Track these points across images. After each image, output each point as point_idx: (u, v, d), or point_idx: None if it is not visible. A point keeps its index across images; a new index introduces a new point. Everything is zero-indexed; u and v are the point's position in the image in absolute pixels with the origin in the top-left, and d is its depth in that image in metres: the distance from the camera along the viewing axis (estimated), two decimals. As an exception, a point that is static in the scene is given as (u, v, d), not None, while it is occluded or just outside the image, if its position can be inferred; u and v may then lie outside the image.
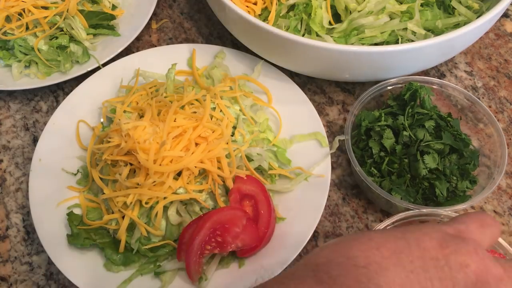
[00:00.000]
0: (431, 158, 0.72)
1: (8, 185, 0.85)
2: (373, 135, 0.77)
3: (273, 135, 0.83)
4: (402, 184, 0.73)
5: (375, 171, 0.75)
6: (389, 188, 0.73)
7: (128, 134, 0.73)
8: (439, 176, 0.72)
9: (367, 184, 0.71)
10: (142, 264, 0.72)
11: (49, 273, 0.76)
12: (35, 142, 0.90)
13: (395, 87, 0.81)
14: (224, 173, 0.72)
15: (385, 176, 0.74)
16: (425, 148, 0.72)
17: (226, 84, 0.84)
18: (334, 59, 0.76)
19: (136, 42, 1.02)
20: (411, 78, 0.80)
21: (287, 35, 0.74)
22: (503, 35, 1.00)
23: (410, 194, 0.72)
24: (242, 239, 0.69)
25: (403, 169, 0.73)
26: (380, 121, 0.77)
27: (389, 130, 0.76)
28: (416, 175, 0.72)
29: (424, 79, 0.80)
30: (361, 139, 0.78)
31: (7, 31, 0.92)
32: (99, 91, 0.88)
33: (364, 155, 0.77)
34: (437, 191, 0.71)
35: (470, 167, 0.73)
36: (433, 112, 0.76)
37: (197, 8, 1.08)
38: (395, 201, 0.70)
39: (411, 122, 0.75)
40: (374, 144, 0.76)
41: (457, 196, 0.73)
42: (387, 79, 0.80)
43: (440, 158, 0.72)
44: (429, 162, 0.71)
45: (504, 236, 0.76)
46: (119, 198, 0.72)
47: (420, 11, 0.82)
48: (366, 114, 0.79)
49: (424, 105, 0.78)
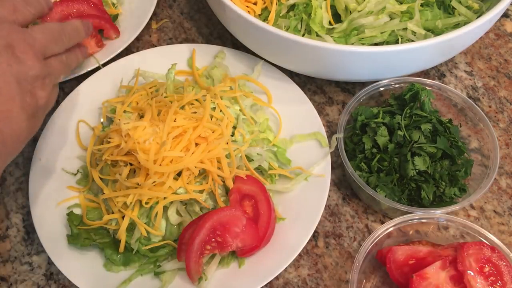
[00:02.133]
0: (422, 160, 0.72)
1: (8, 185, 0.85)
2: (368, 131, 0.77)
3: (273, 135, 0.83)
4: (389, 182, 0.73)
5: (365, 166, 0.76)
6: (375, 184, 0.74)
7: (128, 134, 0.73)
8: (428, 179, 0.72)
9: (353, 178, 0.72)
10: (142, 264, 0.72)
11: (49, 273, 0.76)
12: (35, 142, 0.90)
13: (394, 87, 0.81)
14: (224, 173, 0.72)
15: (374, 172, 0.75)
16: (417, 149, 0.73)
17: (226, 84, 0.84)
18: (334, 59, 0.76)
19: (136, 42, 1.02)
20: (410, 79, 0.80)
21: (287, 35, 0.74)
22: (503, 35, 1.00)
23: (395, 193, 0.73)
24: (242, 239, 0.69)
25: (393, 168, 0.74)
26: (378, 117, 0.77)
27: (384, 127, 0.76)
28: (404, 175, 0.73)
29: (421, 81, 0.80)
30: (355, 134, 0.78)
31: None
32: (99, 91, 0.88)
33: (355, 149, 0.77)
34: (423, 193, 0.72)
35: (461, 174, 0.74)
36: (432, 116, 0.77)
37: (197, 8, 1.08)
38: (378, 198, 0.71)
39: (408, 122, 0.76)
40: (367, 139, 0.76)
41: (443, 202, 0.73)
42: (387, 79, 0.81)
43: (431, 161, 0.73)
44: (419, 164, 0.72)
45: (504, 236, 0.76)
46: (119, 198, 0.72)
47: (420, 11, 0.82)
48: (363, 110, 0.79)
49: (423, 107, 0.78)
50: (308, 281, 0.74)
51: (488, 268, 0.63)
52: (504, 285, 0.62)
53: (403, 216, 0.68)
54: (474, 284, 0.61)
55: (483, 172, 0.75)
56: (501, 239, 0.69)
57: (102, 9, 0.98)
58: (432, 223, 0.71)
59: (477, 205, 0.79)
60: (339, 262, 0.75)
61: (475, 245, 0.64)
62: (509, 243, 0.76)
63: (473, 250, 0.63)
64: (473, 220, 0.78)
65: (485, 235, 0.66)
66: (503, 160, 0.83)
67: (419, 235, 0.73)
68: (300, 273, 0.74)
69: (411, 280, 0.63)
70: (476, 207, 0.79)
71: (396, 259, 0.67)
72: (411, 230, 0.72)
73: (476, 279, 0.62)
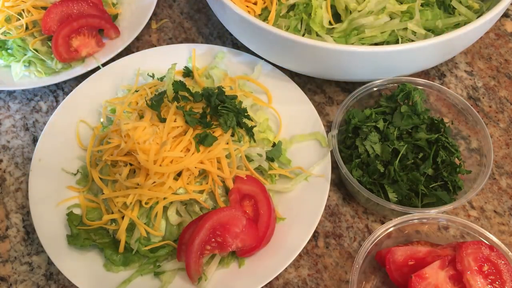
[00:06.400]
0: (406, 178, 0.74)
1: (8, 185, 0.85)
2: (361, 134, 0.78)
3: (273, 135, 0.83)
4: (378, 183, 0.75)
5: (360, 170, 0.76)
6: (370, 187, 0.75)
7: (128, 134, 0.73)
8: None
9: (344, 175, 0.73)
10: (142, 264, 0.72)
11: (49, 273, 0.76)
12: (35, 142, 0.90)
13: (388, 87, 0.81)
14: (224, 174, 0.72)
15: (368, 175, 0.76)
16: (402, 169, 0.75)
17: (226, 84, 0.84)
18: (334, 59, 0.76)
19: (136, 42, 1.02)
20: (406, 79, 0.80)
21: (287, 35, 0.74)
22: (503, 35, 1.00)
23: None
24: (242, 239, 0.69)
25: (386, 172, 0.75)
26: (370, 120, 0.78)
27: (375, 133, 0.76)
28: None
29: (416, 81, 0.80)
30: (348, 137, 0.79)
31: (6, 31, 0.92)
32: (99, 91, 0.88)
33: (352, 154, 0.78)
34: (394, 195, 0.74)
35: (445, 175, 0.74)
36: (425, 116, 0.77)
37: (197, 8, 1.08)
38: (363, 192, 0.71)
39: (399, 133, 0.77)
40: (360, 143, 0.77)
41: (438, 202, 0.73)
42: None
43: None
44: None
45: (505, 236, 0.76)
46: (119, 198, 0.72)
47: (420, 11, 0.82)
48: (356, 112, 0.79)
49: (416, 107, 0.78)
50: (308, 281, 0.73)
51: (487, 267, 0.63)
52: (504, 283, 0.62)
53: (403, 216, 0.68)
54: (473, 283, 0.61)
55: (483, 172, 0.75)
56: (501, 239, 0.69)
57: (102, 9, 0.98)
58: (432, 223, 0.71)
59: (477, 205, 0.79)
60: (339, 262, 0.75)
61: (473, 245, 0.64)
62: (509, 243, 0.76)
63: (472, 250, 0.63)
64: (474, 220, 0.78)
65: (485, 235, 0.66)
66: (503, 160, 0.83)
67: (419, 235, 0.72)
68: (300, 273, 0.74)
69: (410, 280, 0.63)
70: (476, 207, 0.79)
71: (395, 260, 0.67)
72: (411, 230, 0.72)
73: (475, 278, 0.62)
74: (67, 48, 0.92)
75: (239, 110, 0.76)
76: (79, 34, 0.93)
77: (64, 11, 0.93)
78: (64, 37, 0.91)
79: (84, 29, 0.94)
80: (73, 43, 0.93)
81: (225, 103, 0.75)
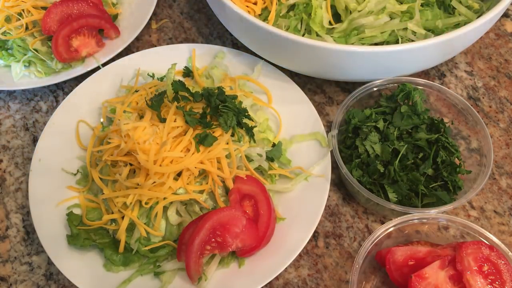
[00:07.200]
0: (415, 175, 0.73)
1: (8, 185, 0.85)
2: (361, 134, 0.78)
3: (273, 135, 0.83)
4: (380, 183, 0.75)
5: (360, 171, 0.76)
6: (370, 187, 0.75)
7: (128, 134, 0.73)
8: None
9: (344, 175, 0.73)
10: (142, 265, 0.72)
11: (49, 273, 0.76)
12: (35, 142, 0.90)
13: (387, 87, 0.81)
14: (224, 174, 0.72)
15: (368, 175, 0.76)
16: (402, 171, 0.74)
17: (226, 84, 0.84)
18: (334, 59, 0.76)
19: (136, 42, 1.02)
20: (406, 79, 0.80)
21: (287, 35, 0.74)
22: (503, 35, 1.00)
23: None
24: (242, 239, 0.69)
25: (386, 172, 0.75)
26: (370, 120, 0.78)
27: (375, 133, 0.76)
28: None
29: (416, 81, 0.80)
30: (348, 137, 0.79)
31: (6, 31, 0.92)
32: (99, 91, 0.88)
33: (352, 154, 0.78)
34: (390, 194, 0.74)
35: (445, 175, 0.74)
36: (425, 116, 0.77)
37: (197, 8, 1.08)
38: (363, 192, 0.71)
39: (399, 133, 0.77)
40: (360, 143, 0.77)
41: (438, 201, 0.73)
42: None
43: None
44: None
45: (505, 236, 0.76)
46: (119, 198, 0.72)
47: (420, 11, 0.82)
48: (356, 112, 0.79)
49: (416, 107, 0.78)
50: (308, 281, 0.73)
51: (487, 267, 0.63)
52: (504, 283, 0.62)
53: (403, 216, 0.68)
54: (473, 283, 0.61)
55: (483, 172, 0.75)
56: (501, 239, 0.69)
57: (102, 9, 0.98)
58: (433, 223, 0.71)
59: (477, 205, 0.79)
60: (339, 262, 0.75)
61: (473, 245, 0.64)
62: (509, 243, 0.76)
63: (472, 250, 0.63)
64: (474, 220, 0.78)
65: (485, 235, 0.66)
66: (503, 160, 0.83)
67: (419, 235, 0.72)
68: (300, 273, 0.74)
69: (410, 280, 0.63)
70: (477, 207, 0.79)
71: (395, 260, 0.67)
72: (411, 230, 0.72)
73: (475, 278, 0.62)
74: (67, 48, 0.92)
75: (239, 110, 0.76)
76: (79, 34, 0.93)
77: (64, 11, 0.93)
78: (64, 37, 0.91)
79: (84, 29, 0.94)
80: (73, 43, 0.93)
81: (226, 103, 0.75)
